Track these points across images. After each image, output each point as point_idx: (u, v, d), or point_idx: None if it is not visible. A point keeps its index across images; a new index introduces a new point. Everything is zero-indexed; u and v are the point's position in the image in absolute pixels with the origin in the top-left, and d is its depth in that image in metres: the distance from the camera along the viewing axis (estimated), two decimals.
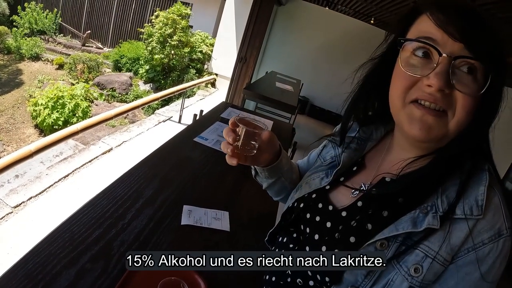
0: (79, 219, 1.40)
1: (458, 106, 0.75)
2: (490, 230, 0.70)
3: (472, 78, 0.74)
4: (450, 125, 0.76)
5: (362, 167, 0.99)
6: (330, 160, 1.07)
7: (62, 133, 4.27)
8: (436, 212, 0.73)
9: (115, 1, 16.28)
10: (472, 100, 0.74)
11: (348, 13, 9.08)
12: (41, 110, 9.43)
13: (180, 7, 12.63)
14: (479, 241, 0.70)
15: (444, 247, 0.71)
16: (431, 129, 0.77)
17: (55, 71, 13.56)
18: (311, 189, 1.01)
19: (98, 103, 11.44)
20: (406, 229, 0.73)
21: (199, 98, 10.61)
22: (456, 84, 0.74)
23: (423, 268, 0.71)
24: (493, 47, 0.73)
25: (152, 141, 6.24)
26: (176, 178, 1.92)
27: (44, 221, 3.79)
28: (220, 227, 1.60)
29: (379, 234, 0.76)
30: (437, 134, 0.77)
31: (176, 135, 2.53)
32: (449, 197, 0.74)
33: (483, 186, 0.73)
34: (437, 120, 0.76)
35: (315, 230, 0.93)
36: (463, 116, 0.75)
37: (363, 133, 1.03)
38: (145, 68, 12.94)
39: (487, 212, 0.71)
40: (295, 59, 10.38)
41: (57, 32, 16.35)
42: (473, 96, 0.73)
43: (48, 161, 5.63)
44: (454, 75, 0.74)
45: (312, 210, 0.97)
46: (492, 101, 0.76)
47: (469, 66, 0.73)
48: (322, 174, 1.03)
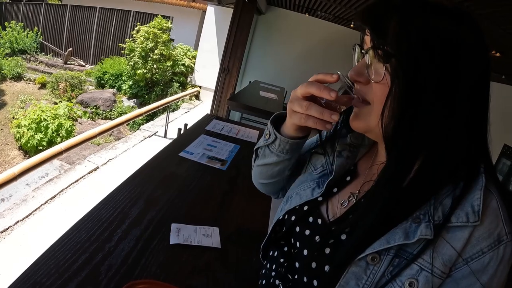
0: (63, 244, 1.36)
1: (373, 94, 0.76)
2: (489, 237, 0.67)
3: (384, 66, 0.73)
4: (372, 114, 0.77)
5: (355, 176, 0.96)
6: (321, 168, 1.02)
7: (46, 154, 4.21)
8: (429, 221, 0.69)
9: (96, 18, 16.28)
10: (382, 87, 0.73)
11: (328, 18, 9.13)
12: (24, 131, 9.32)
13: (160, 20, 12.66)
14: (478, 250, 0.67)
15: (440, 259, 0.68)
16: (358, 116, 0.81)
17: (38, 90, 13.46)
18: (302, 201, 0.96)
19: (82, 121, 11.35)
20: (398, 241, 0.70)
21: (184, 111, 10.60)
22: (370, 74, 0.76)
23: (418, 282, 0.68)
24: (395, 29, 0.71)
25: (138, 158, 6.18)
26: (162, 195, 1.88)
27: (32, 245, 3.71)
28: (210, 244, 1.56)
29: (370, 248, 0.72)
30: (363, 121, 0.80)
31: (161, 151, 2.50)
32: (443, 203, 0.70)
33: (478, 190, 0.69)
34: (361, 109, 0.80)
35: (304, 244, 0.90)
36: (377, 103, 0.75)
37: (354, 140, 0.99)
38: (128, 83, 12.91)
39: (485, 218, 0.67)
40: (277, 67, 10.39)
41: (39, 51, 16.32)
42: (381, 83, 0.73)
43: (34, 183, 5.56)
44: (370, 67, 0.76)
45: (302, 224, 0.94)
46: (420, 88, 0.70)
47: (379, 56, 0.73)
48: (313, 184, 0.99)
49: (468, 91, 0.71)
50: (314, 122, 0.81)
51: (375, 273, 0.72)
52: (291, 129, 0.93)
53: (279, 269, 0.96)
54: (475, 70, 0.71)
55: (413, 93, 0.70)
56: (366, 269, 0.73)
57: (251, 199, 2.08)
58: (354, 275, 0.73)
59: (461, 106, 0.70)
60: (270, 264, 1.01)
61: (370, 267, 0.72)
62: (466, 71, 0.70)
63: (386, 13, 0.73)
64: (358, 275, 0.73)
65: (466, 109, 0.71)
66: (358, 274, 0.73)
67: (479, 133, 0.75)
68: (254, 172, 1.19)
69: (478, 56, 0.72)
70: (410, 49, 0.69)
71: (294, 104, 0.83)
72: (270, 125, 1.00)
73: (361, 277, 0.73)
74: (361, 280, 0.73)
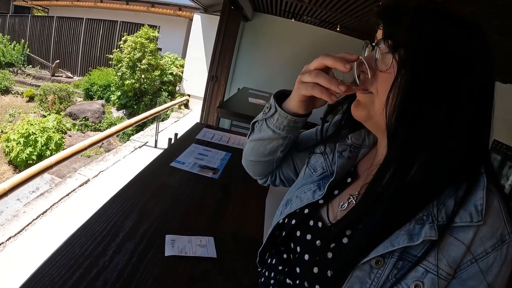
0: (57, 260, 1.34)
1: (378, 83, 0.77)
2: (492, 237, 0.67)
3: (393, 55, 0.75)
4: (375, 102, 0.78)
5: (355, 177, 0.95)
6: (321, 170, 1.02)
7: (36, 168, 4.16)
8: (433, 222, 0.69)
9: (82, 29, 16.25)
10: (388, 77, 0.75)
11: (314, 22, 9.17)
12: (13, 145, 9.24)
13: (147, 30, 12.66)
14: (482, 251, 0.67)
15: (445, 260, 0.68)
16: (359, 104, 0.83)
17: (26, 103, 13.38)
18: (303, 204, 0.95)
19: (72, 134, 11.27)
20: (402, 244, 0.69)
21: (174, 120, 10.58)
22: (377, 64, 0.77)
23: (424, 284, 0.67)
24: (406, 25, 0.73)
25: (129, 169, 6.16)
26: (155, 207, 1.86)
27: (25, 262, 3.67)
28: (206, 254, 1.56)
29: (374, 251, 0.72)
30: (364, 109, 0.82)
31: (152, 162, 2.48)
32: (446, 204, 0.71)
33: (481, 190, 0.69)
34: (364, 97, 0.81)
35: (305, 249, 0.89)
36: (382, 92, 0.76)
37: (355, 140, 0.99)
38: (117, 94, 12.88)
39: (488, 218, 0.67)
40: (266, 73, 10.41)
41: (26, 64, 16.26)
42: (387, 72, 0.75)
43: (25, 197, 5.50)
44: (378, 60, 0.77)
45: (303, 227, 0.92)
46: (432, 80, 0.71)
47: (388, 45, 0.75)
48: (314, 187, 0.98)
49: (473, 93, 0.72)
50: (320, 91, 0.81)
51: (380, 276, 0.71)
52: (294, 102, 0.92)
53: (278, 276, 0.95)
54: (481, 75, 0.72)
55: (418, 84, 0.71)
56: (370, 273, 0.72)
57: (245, 207, 2.08)
58: (358, 280, 0.73)
59: (464, 107, 0.71)
60: (268, 272, 1.01)
61: (374, 270, 0.72)
62: (473, 75, 0.71)
63: (401, 11, 0.75)
64: (362, 279, 0.73)
65: (469, 111, 0.72)
66: (362, 278, 0.73)
67: (480, 136, 0.75)
68: (246, 148, 1.17)
69: (485, 61, 0.73)
70: (420, 41, 0.71)
71: (305, 75, 0.84)
72: (272, 99, 1.00)
73: (365, 281, 0.72)
74: (365, 284, 0.72)
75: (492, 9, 3.23)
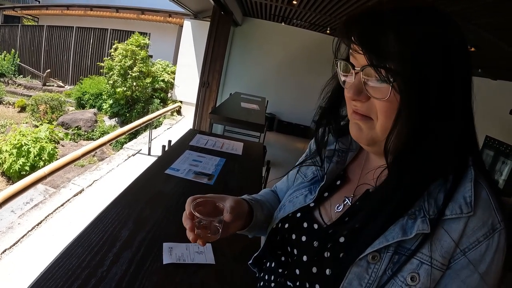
0: (54, 272, 1.34)
1: (378, 111, 0.76)
2: (484, 227, 0.69)
3: (385, 82, 0.73)
4: (377, 128, 0.78)
5: (346, 180, 0.97)
6: (312, 175, 1.04)
7: (30, 179, 4.14)
8: (424, 216, 0.72)
9: (73, 38, 16.20)
10: (388, 104, 0.74)
11: (304, 26, 9.23)
12: (6, 157, 9.18)
13: (138, 37, 12.64)
14: (474, 240, 0.69)
15: (438, 251, 0.70)
16: (361, 130, 0.81)
17: (18, 114, 13.34)
18: (295, 208, 0.98)
19: (65, 144, 11.21)
20: (396, 238, 0.72)
21: (167, 127, 10.55)
22: (370, 91, 0.76)
23: (419, 275, 0.70)
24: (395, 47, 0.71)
25: (123, 177, 6.13)
26: (151, 215, 1.87)
27: (22, 274, 3.64)
28: (204, 261, 1.56)
29: (370, 247, 0.74)
30: (367, 135, 0.81)
31: (146, 170, 2.48)
32: (436, 198, 0.73)
33: (469, 182, 0.72)
34: (364, 123, 0.80)
35: (303, 251, 0.90)
36: (384, 119, 0.76)
37: (342, 145, 1.01)
38: (109, 102, 12.84)
39: (477, 209, 0.70)
40: (257, 77, 10.45)
41: (17, 74, 16.19)
42: (387, 100, 0.74)
43: (19, 209, 5.46)
44: (367, 84, 0.76)
45: (298, 230, 0.94)
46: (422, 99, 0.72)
47: (377, 73, 0.74)
48: (306, 191, 1.00)
49: (461, 90, 0.74)
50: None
51: (377, 271, 0.74)
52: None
53: (278, 279, 0.96)
54: (464, 67, 0.75)
55: (426, 106, 0.72)
56: (368, 268, 0.74)
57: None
58: (356, 276, 0.75)
59: (457, 104, 0.74)
60: (268, 276, 1.01)
61: (371, 266, 0.74)
62: (458, 70, 0.73)
63: (378, 29, 0.73)
64: (361, 275, 0.75)
65: (461, 106, 0.74)
66: (360, 274, 0.75)
67: (467, 127, 0.77)
68: None
69: (464, 54, 0.75)
70: (416, 66, 0.71)
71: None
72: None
73: (363, 277, 0.74)
74: (363, 280, 0.74)
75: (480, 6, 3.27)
